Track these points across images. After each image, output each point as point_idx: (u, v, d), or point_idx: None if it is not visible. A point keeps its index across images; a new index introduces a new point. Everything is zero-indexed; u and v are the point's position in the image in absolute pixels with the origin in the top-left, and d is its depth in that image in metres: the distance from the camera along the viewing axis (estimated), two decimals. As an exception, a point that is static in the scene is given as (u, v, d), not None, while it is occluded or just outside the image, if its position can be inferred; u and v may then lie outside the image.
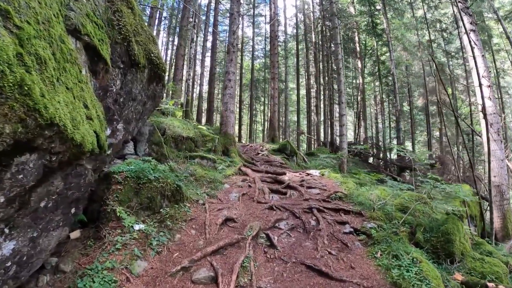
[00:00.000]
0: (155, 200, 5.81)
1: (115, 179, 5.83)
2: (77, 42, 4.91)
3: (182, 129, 10.36)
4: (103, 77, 5.81)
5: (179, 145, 10.07)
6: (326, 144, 25.49)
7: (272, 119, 21.67)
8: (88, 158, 4.68)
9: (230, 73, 12.36)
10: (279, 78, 30.19)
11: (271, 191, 8.12)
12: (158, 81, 8.25)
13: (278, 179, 9.13)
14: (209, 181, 8.40)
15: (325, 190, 8.32)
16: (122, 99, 6.72)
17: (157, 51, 7.78)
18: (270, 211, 6.75)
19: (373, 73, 33.92)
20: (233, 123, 12.29)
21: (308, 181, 9.06)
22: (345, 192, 7.63)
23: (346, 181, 8.97)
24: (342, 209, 6.80)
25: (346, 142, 14.03)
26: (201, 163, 9.70)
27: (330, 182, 9.17)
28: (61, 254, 4.68)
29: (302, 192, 7.97)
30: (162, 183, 6.00)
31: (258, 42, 41.82)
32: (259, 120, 46.04)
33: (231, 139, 11.86)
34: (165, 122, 10.63)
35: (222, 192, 7.93)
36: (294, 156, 15.18)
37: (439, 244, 5.91)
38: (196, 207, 6.61)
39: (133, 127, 7.76)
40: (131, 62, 6.69)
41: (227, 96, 12.19)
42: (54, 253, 4.57)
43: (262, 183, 8.63)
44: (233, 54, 12.54)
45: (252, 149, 16.30)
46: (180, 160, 9.47)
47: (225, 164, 10.15)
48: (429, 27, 28.16)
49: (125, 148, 7.98)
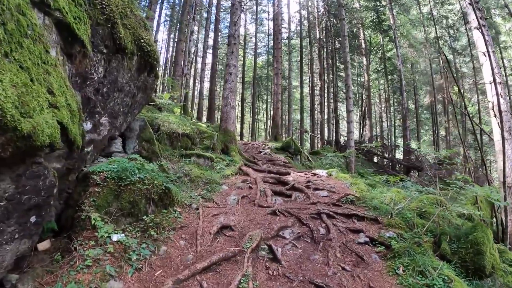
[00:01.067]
0: (138, 205, 4.95)
1: (93, 180, 5.00)
2: (45, 18, 4.06)
3: (178, 125, 9.51)
4: (81, 62, 4.96)
5: (174, 142, 9.22)
6: (331, 143, 24.57)
7: (275, 116, 20.75)
8: (49, 155, 3.83)
9: (231, 66, 11.50)
10: (282, 75, 29.30)
11: (274, 193, 7.25)
12: (149, 71, 7.40)
13: (281, 180, 8.25)
14: (206, 182, 7.55)
15: (334, 192, 7.44)
16: (105, 89, 5.88)
17: (148, 37, 6.93)
18: (273, 217, 5.89)
19: (378, 71, 33.00)
20: (233, 120, 11.42)
21: (314, 182, 8.19)
22: (357, 194, 6.73)
23: (356, 182, 8.09)
24: (355, 214, 5.92)
25: (353, 140, 13.14)
26: (198, 162, 8.84)
27: (339, 183, 8.29)
28: (23, 270, 3.85)
29: (308, 195, 7.10)
30: (148, 185, 5.14)
31: (261, 39, 40.92)
32: (261, 119, 45.15)
33: (231, 136, 11.00)
34: (160, 117, 9.79)
35: (219, 195, 7.06)
36: (298, 155, 14.30)
37: (468, 256, 5.02)
38: (188, 213, 5.75)
39: (120, 121, 6.91)
40: (116, 47, 5.84)
41: (227, 91, 11.33)
42: (15, 269, 3.73)
43: (264, 184, 7.77)
44: (234, 46, 11.67)
45: (254, 147, 15.42)
46: (175, 159, 8.63)
47: (224, 163, 9.29)
48: (436, 24, 27.16)
49: (112, 145, 7.13)
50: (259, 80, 38.35)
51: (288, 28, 35.34)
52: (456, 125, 29.30)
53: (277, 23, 21.26)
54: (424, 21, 28.19)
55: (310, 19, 34.23)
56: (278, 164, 11.73)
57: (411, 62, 30.95)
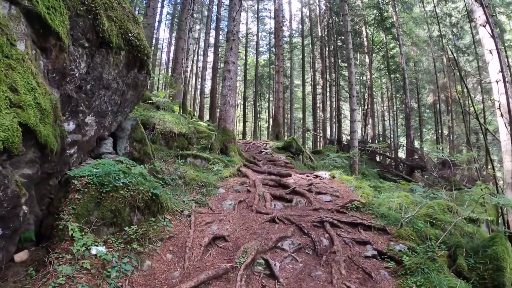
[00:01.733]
0: (121, 213, 4.42)
1: (73, 186, 4.47)
2: (11, 7, 3.55)
3: (174, 125, 8.98)
4: (58, 57, 4.42)
5: (169, 142, 8.69)
6: (333, 142, 23.99)
7: (277, 115, 20.15)
8: (15, 161, 3.29)
9: (230, 63, 10.95)
10: (284, 73, 28.72)
11: (273, 198, 6.70)
12: (140, 67, 6.85)
13: (282, 183, 7.70)
14: (201, 185, 7.01)
15: (338, 196, 6.88)
16: (89, 86, 5.35)
17: (137, 31, 6.38)
18: (271, 225, 5.34)
19: (380, 69, 32.37)
20: (233, 118, 10.88)
21: (317, 185, 7.63)
22: (363, 200, 6.16)
23: (361, 185, 7.52)
24: (361, 223, 5.36)
25: (357, 139, 12.55)
26: (194, 163, 8.31)
27: (343, 187, 7.73)
28: (-6, 285, 3.36)
29: (310, 200, 6.54)
30: (133, 191, 4.61)
31: (262, 38, 40.32)
32: (263, 117, 44.59)
33: (230, 136, 10.45)
34: (155, 116, 9.27)
35: (215, 199, 6.52)
36: (300, 155, 13.74)
37: (487, 273, 4.47)
38: (179, 220, 5.21)
39: (110, 121, 6.38)
40: (100, 40, 5.31)
41: (226, 88, 10.78)
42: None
43: (263, 187, 7.22)
44: (232, 43, 11.11)
45: (255, 147, 14.87)
46: (170, 160, 8.10)
47: (222, 164, 8.76)
48: (439, 22, 26.47)
49: (102, 146, 6.60)
50: (261, 79, 37.77)
51: (290, 26, 34.75)
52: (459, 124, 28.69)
53: (278, 20, 20.65)
54: (427, 19, 27.50)
55: (312, 17, 33.58)
56: (279, 164, 11.19)
57: (414, 61, 30.29)
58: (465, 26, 28.05)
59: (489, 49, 11.70)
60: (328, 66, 29.36)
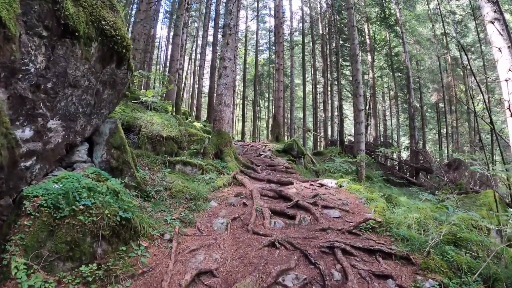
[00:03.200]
0: (80, 245, 3.46)
1: (25, 208, 3.52)
2: None
3: (162, 127, 8.00)
4: (2, 48, 3.49)
5: (156, 147, 7.71)
6: (336, 143, 22.98)
7: (277, 115, 19.11)
8: None
9: (226, 59, 9.96)
10: (284, 72, 27.72)
11: (273, 213, 5.72)
12: (118, 61, 5.85)
13: (283, 194, 6.69)
14: (189, 198, 6.03)
15: (348, 211, 5.90)
16: (50, 84, 4.36)
17: (113, 19, 5.38)
18: (271, 251, 4.37)
19: (382, 68, 31.39)
20: (229, 119, 9.90)
21: (323, 196, 6.65)
22: (379, 219, 5.16)
23: (373, 197, 6.54)
24: (379, 250, 4.37)
25: (364, 142, 11.53)
26: (184, 170, 7.33)
27: (352, 198, 6.75)
28: None
29: (316, 216, 5.56)
30: (96, 215, 3.64)
31: (262, 36, 39.34)
32: (263, 117, 43.59)
33: (225, 139, 9.47)
34: (142, 118, 8.29)
35: (204, 216, 5.54)
36: (301, 158, 12.75)
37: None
38: (158, 247, 4.24)
39: (82, 125, 5.39)
40: (62, 29, 4.35)
41: (222, 87, 9.80)
42: None
43: (261, 200, 6.23)
44: (229, 37, 10.13)
45: (253, 149, 13.88)
46: (156, 167, 7.12)
47: (215, 172, 7.79)
48: (443, 19, 25.46)
49: (75, 154, 5.62)
50: (261, 78, 36.80)
51: (290, 25, 33.77)
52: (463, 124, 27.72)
53: (279, 16, 19.61)
54: (431, 16, 26.48)
55: (312, 15, 32.58)
56: (279, 170, 10.21)
57: (417, 60, 29.29)
58: (469, 24, 27.10)
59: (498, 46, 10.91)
60: (329, 65, 28.32)
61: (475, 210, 11.38)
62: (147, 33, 26.28)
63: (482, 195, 12.48)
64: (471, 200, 12.33)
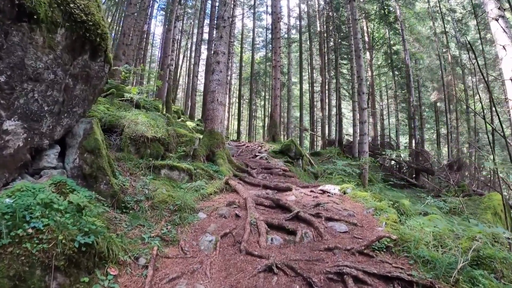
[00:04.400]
0: (27, 280, 2.66)
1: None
2: None
3: (147, 127, 7.18)
4: None
5: (141, 149, 6.89)
6: (334, 143, 22.20)
7: (273, 113, 18.25)
8: None
9: (220, 53, 9.15)
10: (281, 70, 26.93)
11: (270, 227, 4.92)
12: (92, 53, 5.02)
13: (281, 203, 5.88)
14: (174, 210, 5.23)
15: (356, 225, 5.11)
16: (4, 77, 3.57)
17: (84, 2, 4.57)
18: (267, 279, 3.58)
19: (380, 66, 30.68)
20: (222, 118, 9.08)
21: (326, 206, 5.86)
22: (394, 236, 4.35)
23: (382, 206, 5.74)
24: (397, 277, 3.59)
25: (367, 143, 10.73)
26: (170, 176, 6.53)
27: (358, 207, 5.97)
28: None
29: (320, 231, 4.77)
30: (46, 242, 2.83)
31: (259, 34, 38.51)
32: (259, 116, 42.78)
33: (218, 140, 8.66)
34: (127, 117, 7.47)
35: (190, 231, 4.74)
36: (299, 159, 11.95)
37: None
38: (130, 275, 3.44)
39: (49, 125, 4.56)
40: (17, 11, 3.57)
41: (215, 83, 8.99)
42: None
43: (256, 211, 5.43)
44: (223, 30, 9.31)
45: (249, 150, 13.07)
46: (139, 172, 6.31)
47: (206, 177, 7.00)
48: (443, 17, 24.78)
49: (43, 159, 4.83)
50: (257, 76, 35.99)
51: (288, 22, 33.06)
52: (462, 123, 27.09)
53: (276, 11, 18.74)
54: (432, 14, 25.77)
55: (310, 12, 31.81)
56: (276, 173, 9.42)
57: (415, 58, 28.59)
58: (469, 23, 26.44)
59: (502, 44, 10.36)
60: (327, 63, 27.54)
61: (480, 214, 10.70)
62: (140, 29, 25.43)
63: (486, 198, 11.81)
64: (475, 203, 11.65)
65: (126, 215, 4.96)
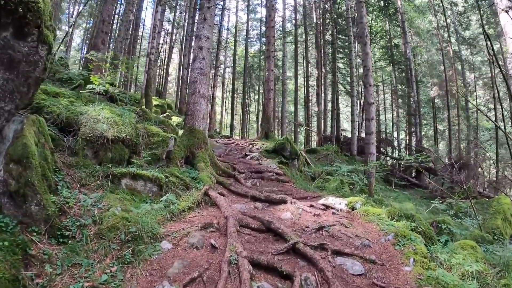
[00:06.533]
0: None
1: None
2: None
3: (110, 125, 5.71)
4: None
5: (100, 152, 5.42)
6: (330, 139, 20.80)
7: (266, 108, 16.67)
8: None
9: (203, 37, 7.66)
10: (275, 63, 25.41)
11: (257, 267, 3.49)
12: (17, 29, 3.52)
13: (272, 227, 4.37)
14: (127, 239, 3.80)
15: (374, 262, 3.69)
16: None
17: None
18: None
19: (376, 60, 29.25)
20: (204, 113, 7.57)
21: (331, 230, 4.43)
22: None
23: (405, 232, 4.33)
24: None
25: (374, 144, 9.22)
26: (134, 187, 5.07)
27: (373, 232, 4.55)
28: None
29: (326, 275, 3.34)
30: None
31: (253, 27, 36.85)
32: (253, 110, 41.24)
33: (199, 139, 7.18)
34: (88, 112, 6.00)
35: (143, 275, 3.29)
36: (295, 159, 10.50)
37: None
38: None
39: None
40: None
41: (196, 72, 7.49)
42: None
43: (239, 237, 4.02)
44: (207, 12, 7.81)
45: (238, 149, 11.58)
46: (93, 183, 4.86)
47: (180, 186, 5.55)
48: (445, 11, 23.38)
49: None
50: (251, 70, 34.40)
51: (283, 14, 31.46)
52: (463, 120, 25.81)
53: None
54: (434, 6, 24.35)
55: (305, 4, 30.23)
56: (268, 177, 7.98)
57: (414, 53, 27.22)
58: (472, 16, 25.11)
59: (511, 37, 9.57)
60: (323, 57, 26.01)
61: (489, 219, 9.48)
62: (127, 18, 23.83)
63: (495, 202, 10.56)
64: (483, 206, 10.45)
65: (63, 246, 3.55)
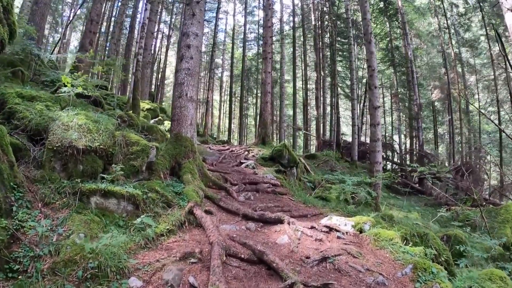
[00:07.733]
0: None
1: None
2: None
3: (82, 133, 4.97)
4: None
5: (69, 165, 4.66)
6: (330, 143, 20.06)
7: (263, 112, 15.80)
8: None
9: (191, 35, 6.92)
10: (273, 66, 24.69)
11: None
12: None
13: (265, 259, 3.61)
14: (85, 277, 3.04)
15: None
16: None
17: None
18: None
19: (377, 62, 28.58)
20: (192, 119, 6.77)
21: (337, 262, 3.65)
22: None
23: (425, 264, 3.61)
24: None
25: (381, 152, 8.39)
26: (105, 206, 4.30)
27: (387, 263, 3.79)
28: None
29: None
30: None
31: (251, 30, 36.21)
32: (251, 114, 40.50)
33: (186, 147, 6.40)
34: (60, 118, 5.26)
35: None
36: (293, 168, 9.72)
37: None
38: None
39: None
40: None
41: (184, 73, 6.73)
42: None
43: (225, 272, 3.28)
44: (196, 6, 7.07)
45: (233, 156, 10.80)
46: (59, 202, 4.11)
47: (161, 204, 4.79)
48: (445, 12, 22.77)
49: None
50: (249, 73, 33.69)
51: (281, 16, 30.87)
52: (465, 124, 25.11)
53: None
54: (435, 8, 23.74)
55: (304, 7, 29.61)
56: (264, 189, 7.21)
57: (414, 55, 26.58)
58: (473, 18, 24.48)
59: None
60: (322, 60, 25.30)
61: (497, 228, 8.86)
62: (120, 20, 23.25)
63: (503, 209, 9.97)
64: (490, 214, 9.91)
65: (11, 283, 2.82)
